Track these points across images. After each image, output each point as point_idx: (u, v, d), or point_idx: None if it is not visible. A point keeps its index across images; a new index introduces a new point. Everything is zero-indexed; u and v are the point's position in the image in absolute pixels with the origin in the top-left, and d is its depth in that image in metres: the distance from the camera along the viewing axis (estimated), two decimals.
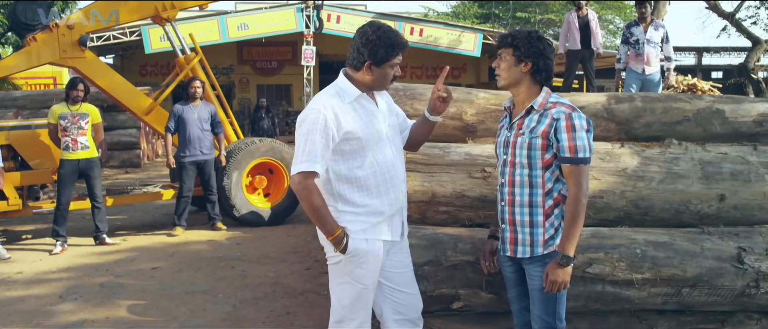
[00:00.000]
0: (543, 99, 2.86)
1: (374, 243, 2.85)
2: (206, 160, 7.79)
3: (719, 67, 32.54)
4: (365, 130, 2.79)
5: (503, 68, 2.90)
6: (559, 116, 2.78)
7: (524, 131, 2.84)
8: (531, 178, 2.84)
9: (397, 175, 2.89)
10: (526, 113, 2.87)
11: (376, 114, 2.87)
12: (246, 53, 26.11)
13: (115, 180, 12.59)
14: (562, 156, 2.78)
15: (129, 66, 25.07)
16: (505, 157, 2.91)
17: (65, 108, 7.04)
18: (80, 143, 6.98)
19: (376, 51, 2.77)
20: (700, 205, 3.79)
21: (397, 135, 3.01)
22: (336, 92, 2.84)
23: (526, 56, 2.84)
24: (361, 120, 2.80)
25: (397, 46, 2.79)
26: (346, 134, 2.76)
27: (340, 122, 2.75)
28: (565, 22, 9.64)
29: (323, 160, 2.73)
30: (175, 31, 8.46)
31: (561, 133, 2.77)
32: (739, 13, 17.14)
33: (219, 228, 7.88)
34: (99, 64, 8.32)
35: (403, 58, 2.85)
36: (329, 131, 2.73)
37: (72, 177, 7.03)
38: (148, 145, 16.13)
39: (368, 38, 2.78)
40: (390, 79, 2.86)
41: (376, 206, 2.84)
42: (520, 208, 2.86)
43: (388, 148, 2.87)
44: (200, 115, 7.77)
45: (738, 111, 4.29)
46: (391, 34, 2.79)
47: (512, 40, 2.88)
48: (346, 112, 2.78)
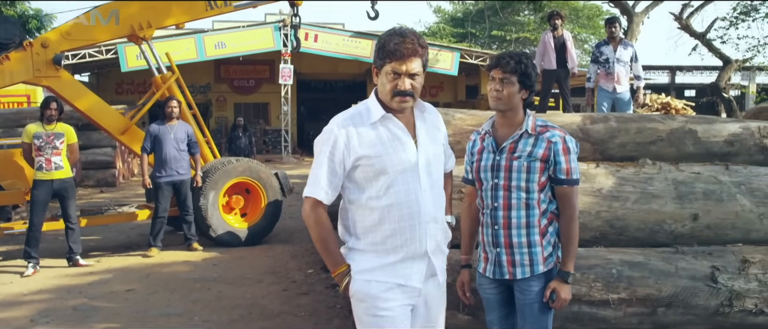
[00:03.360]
0: (533, 122, 2.88)
1: (380, 286, 2.50)
2: (182, 180, 7.73)
3: (692, 86, 33.07)
4: (386, 156, 2.46)
5: (507, 94, 2.84)
6: (556, 140, 2.83)
7: (520, 155, 2.83)
8: (528, 201, 2.84)
9: (423, 212, 2.50)
10: (519, 137, 2.86)
11: (405, 139, 2.50)
12: (223, 72, 26.05)
13: (90, 200, 12.43)
14: (559, 178, 2.84)
15: (105, 84, 24.89)
16: (496, 180, 2.87)
17: (40, 127, 6.95)
18: (54, 163, 6.89)
19: (375, 54, 2.51)
20: (674, 225, 3.84)
21: (437, 166, 2.63)
22: (359, 111, 2.55)
23: (529, 85, 2.87)
24: (381, 144, 2.47)
25: (387, 52, 2.43)
26: (359, 160, 2.47)
27: (353, 146, 2.46)
28: (541, 42, 9.75)
29: (330, 187, 2.51)
30: (152, 50, 8.41)
31: (559, 155, 2.82)
32: (709, 32, 17.45)
33: (195, 249, 7.80)
34: (74, 84, 8.25)
35: (408, 68, 2.43)
36: (337, 155, 2.48)
37: (45, 198, 6.93)
38: (123, 164, 15.97)
39: (379, 41, 2.52)
40: (389, 92, 2.45)
41: (389, 245, 2.50)
42: (518, 230, 2.85)
43: (415, 180, 2.50)
44: (177, 134, 7.72)
45: (710, 131, 4.37)
46: (391, 37, 2.45)
47: (522, 68, 2.84)
48: (365, 134, 2.48)
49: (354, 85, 27.13)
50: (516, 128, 2.88)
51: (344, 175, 2.51)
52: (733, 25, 18.38)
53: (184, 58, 18.29)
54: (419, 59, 2.45)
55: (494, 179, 2.88)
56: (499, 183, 2.86)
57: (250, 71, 26.04)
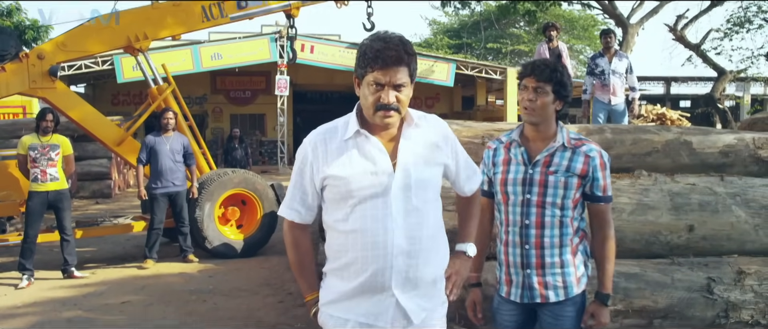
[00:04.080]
0: (568, 135, 2.70)
1: (341, 322, 2.25)
2: (178, 192, 7.72)
3: (687, 96, 33.22)
4: (352, 177, 2.17)
5: (541, 104, 2.64)
6: (594, 155, 2.66)
7: (557, 169, 2.64)
8: (562, 218, 2.65)
9: (390, 243, 2.16)
10: (555, 150, 2.68)
11: (378, 159, 2.18)
12: (219, 83, 26.06)
13: (85, 211, 12.40)
14: (596, 195, 2.68)
15: (101, 95, 24.87)
16: (528, 195, 2.66)
17: (35, 139, 6.94)
18: (49, 174, 6.87)
19: (356, 62, 2.21)
20: (670, 236, 3.84)
21: (423, 191, 2.23)
22: (336, 125, 2.29)
23: (564, 95, 2.69)
24: (350, 164, 2.18)
25: (369, 60, 2.12)
26: (326, 179, 2.22)
27: (321, 164, 2.22)
28: (536, 54, 9.79)
29: (303, 205, 2.30)
30: (148, 61, 8.42)
31: (598, 171, 2.66)
32: (704, 44, 17.54)
33: (191, 261, 7.78)
34: (69, 95, 8.24)
35: (392, 79, 2.12)
36: (307, 172, 2.26)
37: (41, 210, 6.92)
38: (119, 176, 15.94)
39: (360, 48, 2.21)
40: (371, 105, 2.15)
41: (351, 272, 2.21)
42: (551, 250, 2.66)
43: (385, 206, 2.17)
44: (172, 146, 7.71)
45: (705, 142, 4.38)
46: (373, 43, 2.14)
47: (558, 76, 2.65)
48: (334, 152, 2.21)
49: (350, 96, 27.01)
50: (549, 140, 2.69)
51: (318, 193, 2.28)
52: (727, 37, 18.48)
53: (181, 69, 18.29)
54: (405, 68, 2.14)
55: (526, 194, 2.67)
56: (531, 199, 2.66)
57: (247, 82, 26.06)
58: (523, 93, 2.70)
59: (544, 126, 2.69)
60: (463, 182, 2.47)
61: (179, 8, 8.31)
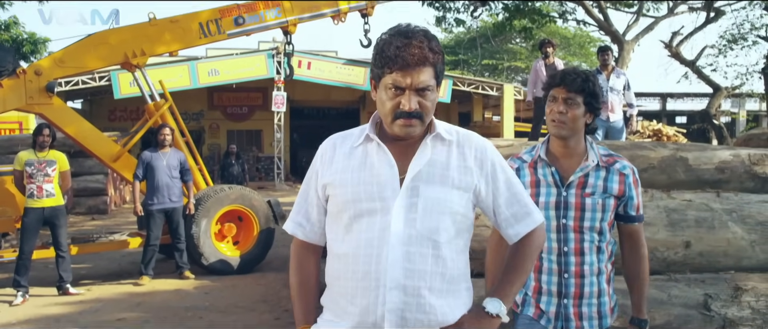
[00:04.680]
0: (598, 151, 2.52)
1: None
2: (174, 208, 7.71)
3: (683, 113, 33.34)
4: (352, 186, 1.88)
5: (572, 117, 2.44)
6: (628, 172, 2.49)
7: (595, 190, 2.44)
8: (600, 243, 2.48)
9: (384, 273, 1.83)
10: (594, 168, 2.48)
11: (383, 171, 1.87)
12: (216, 99, 26.09)
13: (81, 227, 12.35)
14: (630, 215, 2.52)
15: (98, 111, 24.88)
16: (564, 220, 2.45)
17: (32, 154, 6.93)
18: (46, 190, 6.85)
19: (373, 61, 1.91)
20: (667, 252, 3.84)
21: (432, 219, 1.86)
22: (353, 131, 2.04)
23: (596, 108, 2.50)
24: (352, 172, 1.90)
25: (387, 59, 1.82)
26: (326, 187, 1.96)
27: (325, 170, 1.97)
28: (533, 70, 9.82)
29: (306, 219, 2.05)
30: (145, 77, 8.43)
31: (632, 189, 2.48)
32: (699, 60, 17.63)
33: (187, 277, 7.74)
34: (66, 111, 8.24)
35: (414, 81, 1.81)
36: (313, 180, 2.02)
37: (36, 226, 6.89)
38: (115, 192, 15.91)
39: (376, 45, 1.91)
40: (389, 112, 1.85)
41: (340, 311, 1.93)
42: (591, 278, 2.48)
43: (384, 228, 1.84)
44: (169, 162, 7.71)
45: (701, 158, 4.39)
46: (392, 38, 1.83)
47: (590, 87, 2.46)
48: (341, 156, 1.95)
49: (347, 112, 27.21)
50: (579, 158, 2.49)
51: (323, 205, 2.01)
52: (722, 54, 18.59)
53: (178, 85, 18.31)
54: (430, 68, 1.83)
55: (561, 219, 2.46)
56: (568, 225, 2.45)
57: (243, 98, 26.09)
58: (552, 104, 2.48)
59: (574, 141, 2.49)
60: (506, 223, 2.00)
61: (177, 25, 8.34)
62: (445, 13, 16.52)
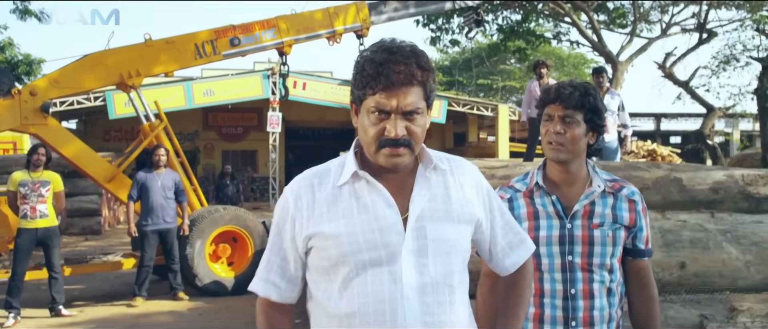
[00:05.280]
0: (600, 175, 2.19)
1: None
2: (169, 229, 7.68)
3: (677, 133, 33.48)
4: (347, 237, 1.60)
5: (571, 138, 2.11)
6: (637, 198, 2.17)
7: (603, 221, 2.11)
8: (610, 284, 2.13)
9: (403, 324, 1.58)
10: (599, 195, 2.16)
11: (384, 213, 1.61)
12: (211, 119, 26.10)
13: (74, 248, 12.30)
14: (639, 248, 2.18)
15: (92, 131, 24.85)
16: (570, 257, 2.11)
17: (26, 175, 6.91)
18: (39, 211, 6.83)
19: (352, 82, 1.68)
20: (662, 273, 3.84)
21: (445, 258, 1.64)
22: (329, 167, 1.73)
23: (599, 126, 2.17)
24: (344, 219, 1.62)
25: (368, 78, 1.58)
26: (311, 239, 1.65)
27: (305, 218, 1.65)
28: (527, 91, 9.87)
29: (282, 276, 1.72)
30: (140, 98, 8.44)
31: (642, 219, 2.16)
32: (692, 81, 17.74)
33: (181, 299, 7.70)
34: (61, 131, 8.24)
35: (400, 103, 1.57)
36: (287, 230, 1.69)
37: (29, 247, 6.85)
38: (109, 212, 15.85)
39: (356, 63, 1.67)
40: (372, 140, 1.60)
41: None
42: (600, 326, 2.12)
43: (394, 279, 1.59)
44: (164, 182, 7.69)
45: (695, 179, 4.41)
46: (374, 54, 1.59)
47: (591, 101, 2.13)
48: (325, 201, 1.65)
49: (342, 132, 27.24)
50: (582, 184, 2.17)
51: (302, 259, 1.71)
52: (715, 74, 18.70)
53: (173, 105, 18.31)
54: (419, 88, 1.59)
55: (567, 255, 2.11)
56: (575, 262, 2.10)
57: (239, 119, 26.10)
58: (548, 124, 2.15)
59: (576, 165, 2.16)
60: (503, 253, 1.83)
61: (173, 46, 8.38)
62: (440, 33, 16.61)
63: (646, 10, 17.19)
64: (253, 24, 8.80)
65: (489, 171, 4.92)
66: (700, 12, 16.07)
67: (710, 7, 16.07)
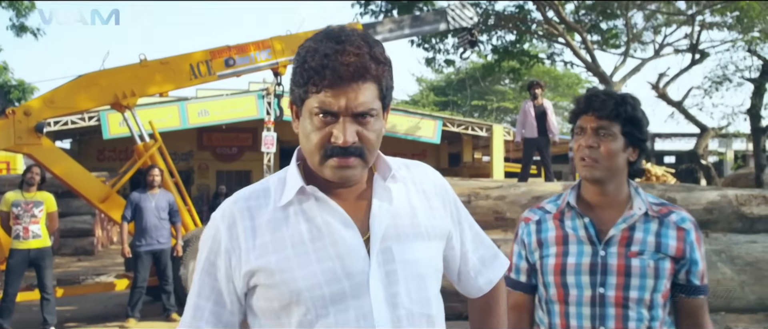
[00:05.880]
0: (646, 198, 1.92)
1: None
2: (163, 250, 7.64)
3: (671, 152, 33.60)
4: (299, 270, 1.31)
5: (605, 153, 1.86)
6: (688, 226, 1.88)
7: (644, 249, 1.83)
8: (650, 324, 1.83)
9: None
10: (641, 220, 1.88)
11: (341, 236, 1.33)
12: (206, 139, 26.09)
13: (66, 268, 12.21)
14: (693, 284, 1.88)
15: (86, 151, 24.79)
16: (601, 290, 1.83)
17: (19, 195, 6.89)
18: (32, 232, 6.79)
19: (291, 79, 1.36)
20: None
21: (422, 281, 1.39)
22: (266, 186, 1.43)
23: (640, 140, 1.92)
24: (292, 248, 1.33)
25: (310, 72, 1.28)
26: (253, 276, 1.34)
27: (244, 251, 1.35)
28: (521, 111, 9.91)
29: (214, 326, 1.40)
30: (135, 118, 8.44)
31: (696, 250, 1.86)
32: (685, 101, 17.84)
33: (174, 320, 7.63)
34: (55, 151, 8.22)
35: (350, 103, 1.28)
36: (221, 266, 1.38)
37: (21, 268, 6.81)
38: (103, 232, 15.77)
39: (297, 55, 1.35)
40: (315, 149, 1.31)
41: None
42: None
43: (363, 315, 1.31)
44: (158, 203, 7.66)
45: (689, 199, 4.42)
46: (319, 43, 1.29)
47: (628, 111, 1.88)
48: (267, 227, 1.35)
49: None
50: (622, 206, 1.91)
51: (241, 302, 1.40)
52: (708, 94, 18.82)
53: (167, 125, 18.31)
54: (373, 84, 1.30)
55: (597, 287, 1.84)
56: (607, 296, 1.83)
57: (233, 139, 26.11)
58: (579, 138, 1.91)
59: (613, 185, 1.90)
60: (475, 271, 1.57)
61: (167, 66, 8.39)
62: (434, 54, 16.70)
63: (639, 31, 17.35)
64: (248, 44, 8.83)
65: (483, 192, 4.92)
66: (692, 33, 16.22)
67: (702, 28, 16.22)
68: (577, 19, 16.30)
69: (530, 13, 15.78)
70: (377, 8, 14.69)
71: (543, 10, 15.25)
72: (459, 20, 10.61)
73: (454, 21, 10.63)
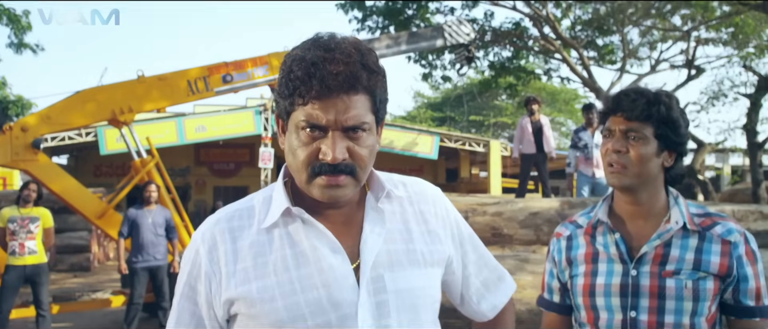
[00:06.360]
0: (687, 209, 1.73)
1: None
2: (159, 266, 7.61)
3: None
4: (286, 299, 1.21)
5: (635, 158, 1.68)
6: (736, 238, 1.66)
7: (680, 268, 1.64)
8: None
9: None
10: (671, 236, 1.68)
11: (328, 262, 1.23)
12: (203, 155, 26.10)
13: (62, 285, 12.15)
14: (745, 305, 1.65)
15: (83, 167, 24.77)
16: (633, 313, 1.66)
17: (15, 211, 6.86)
18: (28, 248, 6.76)
19: (277, 91, 1.28)
20: None
21: (416, 313, 1.27)
22: (250, 205, 1.34)
23: (677, 144, 1.72)
24: (278, 274, 1.23)
25: (296, 82, 1.19)
26: (232, 305, 1.25)
27: (225, 276, 1.25)
28: (518, 127, 9.93)
29: None
30: (132, 134, 8.43)
31: (746, 266, 1.65)
32: None
33: None
34: (52, 167, 8.19)
35: (339, 116, 1.18)
36: (201, 292, 1.28)
37: (17, 284, 6.77)
38: (99, 248, 15.72)
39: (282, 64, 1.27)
40: (302, 166, 1.22)
41: None
42: None
43: None
44: (155, 219, 7.64)
45: None
46: (306, 51, 1.20)
47: (662, 112, 1.69)
48: (249, 251, 1.26)
49: None
50: (659, 218, 1.72)
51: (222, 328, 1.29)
52: (704, 110, 18.91)
53: (165, 141, 18.32)
54: (365, 96, 1.20)
55: (629, 311, 1.67)
56: (638, 320, 1.65)
57: (230, 154, 26.12)
58: (607, 142, 1.73)
59: (647, 194, 1.72)
60: (478, 295, 1.45)
61: (165, 82, 8.40)
62: (431, 70, 16.75)
63: (635, 47, 17.43)
64: (246, 61, 8.85)
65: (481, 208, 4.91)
66: (688, 49, 16.30)
67: (698, 44, 16.31)
68: (573, 35, 16.38)
69: (527, 30, 15.85)
70: (374, 24, 14.74)
71: (539, 26, 15.33)
72: (456, 36, 10.66)
73: (451, 37, 10.68)
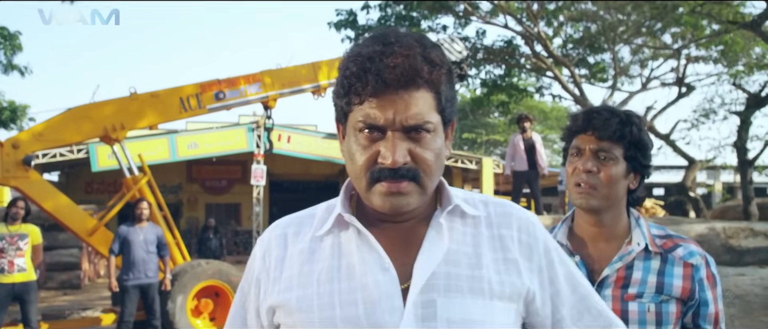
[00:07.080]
0: (649, 230, 1.71)
1: None
2: (150, 284, 7.56)
3: (660, 185, 33.80)
4: (322, 312, 1.11)
5: (605, 179, 1.64)
6: (698, 261, 1.67)
7: (643, 291, 1.61)
8: None
9: None
10: (633, 258, 1.66)
11: (375, 277, 1.11)
12: (195, 172, 26.02)
13: (52, 303, 12.05)
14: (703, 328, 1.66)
15: (74, 184, 24.64)
16: None
17: (4, 228, 6.82)
18: (17, 265, 6.72)
19: (334, 92, 1.18)
20: None
21: None
22: (316, 212, 1.25)
23: (643, 166, 1.70)
24: (319, 286, 1.13)
25: (354, 76, 1.07)
26: (275, 312, 1.18)
27: (272, 282, 1.18)
28: (510, 144, 9.97)
29: None
30: (124, 151, 8.42)
31: (706, 290, 1.66)
32: (673, 134, 18.00)
33: None
34: (43, 184, 8.16)
35: (399, 114, 1.06)
36: (252, 296, 1.22)
37: (5, 302, 6.71)
38: (90, 265, 15.62)
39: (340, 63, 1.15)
40: (361, 171, 1.10)
41: None
42: None
43: None
44: (146, 237, 7.60)
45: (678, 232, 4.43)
46: (364, 47, 1.09)
47: (634, 133, 1.65)
48: (298, 259, 1.18)
49: (327, 185, 27.23)
50: (620, 240, 1.69)
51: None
52: (695, 127, 19.00)
53: (157, 158, 18.26)
54: (428, 92, 1.09)
55: None
56: None
57: (223, 171, 26.05)
58: (576, 161, 1.68)
59: (611, 216, 1.68)
60: (555, 308, 1.20)
61: (157, 99, 8.41)
62: None
63: (626, 64, 17.56)
64: (238, 78, 8.87)
65: None
66: (678, 67, 16.43)
67: (688, 62, 16.45)
68: (564, 53, 16.49)
69: (519, 48, 15.95)
70: None
71: (531, 44, 15.42)
72: (448, 54, 10.70)
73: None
